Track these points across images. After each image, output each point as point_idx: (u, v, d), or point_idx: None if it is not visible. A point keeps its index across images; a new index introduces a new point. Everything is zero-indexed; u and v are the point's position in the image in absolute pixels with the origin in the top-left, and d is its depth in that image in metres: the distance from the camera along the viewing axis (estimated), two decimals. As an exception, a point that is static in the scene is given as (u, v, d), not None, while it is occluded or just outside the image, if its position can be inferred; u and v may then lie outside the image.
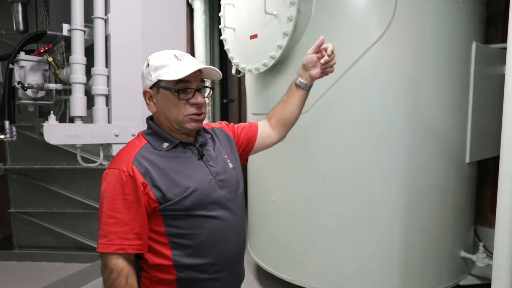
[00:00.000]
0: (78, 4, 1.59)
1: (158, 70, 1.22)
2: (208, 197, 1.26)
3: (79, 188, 3.84)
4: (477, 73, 2.46)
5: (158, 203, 1.19)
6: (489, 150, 2.70)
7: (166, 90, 1.22)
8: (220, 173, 1.33)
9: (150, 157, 1.22)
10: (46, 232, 3.95)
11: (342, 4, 2.30)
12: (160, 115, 1.27)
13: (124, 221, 1.16)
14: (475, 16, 2.47)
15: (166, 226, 1.22)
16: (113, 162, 1.23)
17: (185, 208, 1.22)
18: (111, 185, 1.18)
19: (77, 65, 1.60)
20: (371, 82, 2.29)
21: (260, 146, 1.58)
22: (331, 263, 2.46)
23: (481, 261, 2.59)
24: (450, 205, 2.51)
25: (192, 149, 1.32)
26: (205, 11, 3.99)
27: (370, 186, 2.35)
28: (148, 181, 1.18)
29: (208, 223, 1.26)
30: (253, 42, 2.57)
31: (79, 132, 1.58)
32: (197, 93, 1.25)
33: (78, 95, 1.62)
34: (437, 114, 2.35)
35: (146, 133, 1.31)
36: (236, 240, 1.35)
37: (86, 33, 1.65)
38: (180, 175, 1.23)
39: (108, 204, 1.17)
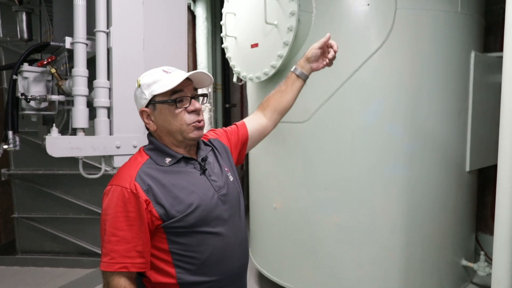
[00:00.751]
0: (80, 18, 1.62)
1: (150, 86, 1.22)
2: (211, 213, 1.25)
3: (82, 193, 3.87)
4: (476, 81, 2.47)
5: (161, 221, 1.18)
6: (489, 158, 2.70)
7: (162, 104, 1.23)
8: (223, 187, 1.32)
9: (153, 173, 1.21)
10: (49, 237, 3.98)
11: (342, 14, 2.32)
12: (161, 131, 1.27)
13: (126, 239, 1.15)
14: (474, 26, 2.48)
15: (169, 243, 1.21)
16: (115, 179, 1.22)
17: (189, 225, 1.20)
18: (113, 203, 1.16)
19: (79, 77, 1.63)
20: (370, 91, 2.30)
21: (257, 139, 1.61)
22: (332, 271, 2.47)
23: (482, 270, 2.59)
24: (451, 213, 2.51)
25: (194, 163, 1.31)
26: (207, 18, 4.02)
27: (371, 195, 2.36)
28: (151, 198, 1.17)
29: (212, 240, 1.25)
30: (254, 51, 2.59)
31: (81, 145, 1.60)
32: (193, 100, 1.26)
33: (80, 107, 1.64)
34: (437, 123, 2.36)
35: (148, 148, 1.30)
36: (240, 255, 1.34)
37: (88, 45, 1.67)
38: (183, 191, 1.22)
39: (111, 221, 1.16)
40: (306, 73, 1.56)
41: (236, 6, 2.73)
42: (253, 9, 2.55)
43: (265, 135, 1.64)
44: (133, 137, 1.74)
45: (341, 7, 2.32)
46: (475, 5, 2.49)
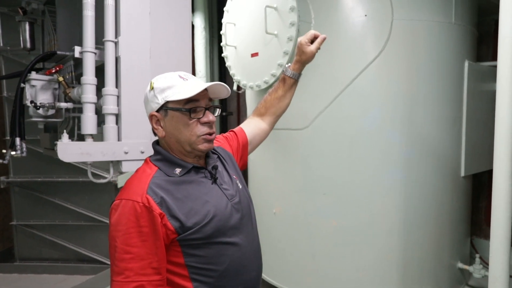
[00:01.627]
0: (89, 28, 1.67)
1: (164, 91, 1.17)
2: (227, 222, 1.21)
3: (81, 200, 3.89)
4: (470, 90, 2.55)
5: (176, 234, 1.12)
6: (483, 163, 2.77)
7: (175, 111, 1.17)
8: (235, 196, 1.29)
9: (164, 185, 1.15)
10: (48, 244, 3.99)
11: (340, 25, 2.39)
12: (170, 139, 1.22)
13: (140, 256, 1.08)
14: (467, 36, 2.57)
15: (185, 256, 1.15)
16: (125, 192, 1.15)
17: (205, 236, 1.16)
18: (125, 218, 1.10)
19: (88, 85, 1.67)
20: (368, 99, 2.37)
21: (257, 143, 1.62)
22: (331, 275, 2.51)
23: (477, 272, 2.65)
24: (447, 217, 2.57)
25: (205, 172, 1.26)
26: (205, 28, 4.09)
27: (369, 199, 2.41)
28: (165, 211, 1.11)
29: (229, 250, 1.21)
30: (254, 60, 2.65)
31: (91, 150, 1.64)
32: (207, 111, 1.21)
33: (89, 114, 1.68)
34: (433, 130, 2.43)
35: (156, 159, 1.24)
36: (256, 264, 1.31)
37: (96, 54, 1.72)
38: (197, 202, 1.17)
39: (122, 238, 1.09)
40: (299, 73, 1.61)
41: (236, 17, 2.79)
42: (253, 19, 2.61)
43: (264, 138, 1.65)
44: (141, 143, 1.79)
45: (339, 18, 2.39)
46: (468, 16, 2.58)
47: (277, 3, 2.40)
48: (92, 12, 1.65)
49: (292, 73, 1.60)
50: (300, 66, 1.60)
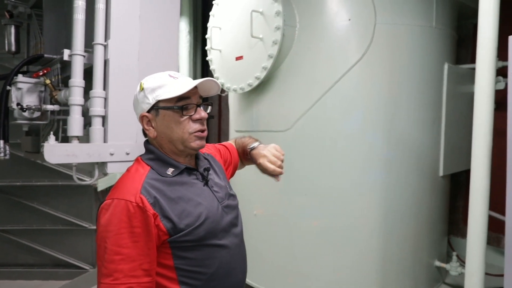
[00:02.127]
0: (80, 32, 1.67)
1: (155, 91, 1.17)
2: (218, 224, 1.21)
3: (60, 204, 3.82)
4: (449, 92, 2.64)
5: (168, 235, 1.11)
6: (461, 163, 2.87)
7: (166, 110, 1.17)
8: (224, 198, 1.29)
9: (157, 185, 1.14)
10: (24, 249, 3.89)
11: (324, 28, 2.45)
12: (162, 138, 1.21)
13: (131, 257, 1.06)
14: (446, 39, 2.67)
15: (174, 259, 1.14)
16: (116, 192, 1.13)
17: (197, 238, 1.15)
18: (116, 218, 1.07)
19: (76, 88, 1.67)
20: (351, 102, 2.42)
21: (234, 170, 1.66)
22: (312, 275, 2.54)
23: (454, 270, 2.74)
24: (425, 217, 2.65)
25: (197, 174, 1.26)
26: (190, 32, 4.11)
27: (350, 201, 2.46)
28: (158, 211, 1.10)
29: (219, 253, 1.20)
30: (239, 63, 2.68)
31: (77, 152, 1.63)
32: (199, 108, 1.21)
33: (76, 116, 1.68)
34: (413, 132, 2.50)
35: (148, 158, 1.23)
36: (242, 267, 1.32)
37: (85, 57, 1.72)
38: (190, 203, 1.17)
39: (113, 239, 1.06)
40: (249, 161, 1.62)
41: (222, 21, 2.82)
42: (238, 23, 2.65)
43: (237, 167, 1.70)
44: (126, 144, 1.79)
45: (323, 22, 2.44)
46: (448, 20, 2.67)
47: (263, 8, 2.44)
48: (82, 16, 1.66)
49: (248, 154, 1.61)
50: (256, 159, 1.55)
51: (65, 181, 3.75)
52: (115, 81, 1.73)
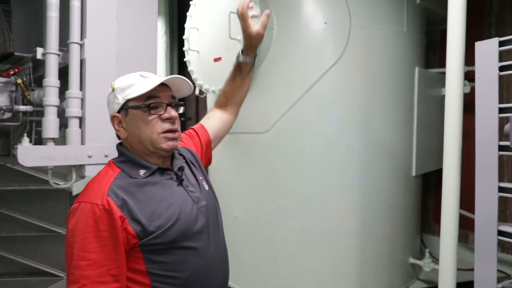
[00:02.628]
0: (53, 29, 1.62)
1: (124, 91, 1.15)
2: (192, 226, 1.17)
3: (32, 210, 3.67)
4: (420, 95, 2.73)
5: (138, 238, 1.07)
6: (431, 163, 2.97)
7: (135, 110, 1.15)
8: (201, 198, 1.25)
9: (127, 187, 1.11)
10: (-7, 259, 3.72)
11: (301, 31, 2.48)
12: (132, 139, 1.18)
13: (99, 262, 1.02)
14: (417, 44, 2.76)
15: (146, 263, 1.10)
16: (84, 195, 1.10)
17: (169, 240, 1.11)
18: (82, 222, 1.03)
19: (51, 88, 1.62)
20: (328, 103, 2.47)
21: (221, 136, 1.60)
22: (292, 276, 2.56)
23: (427, 266, 2.82)
24: (400, 216, 2.71)
25: (171, 174, 1.23)
26: (166, 32, 4.07)
27: (329, 202, 2.49)
28: (126, 214, 1.06)
29: (193, 256, 1.16)
30: (217, 64, 2.68)
31: (53, 154, 1.59)
32: (169, 108, 1.18)
33: (51, 117, 1.63)
34: (388, 133, 2.57)
35: (119, 160, 1.20)
36: (222, 270, 1.28)
37: (60, 56, 1.68)
38: (161, 204, 1.13)
39: (79, 244, 1.02)
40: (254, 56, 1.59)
41: (199, 22, 2.81)
42: (216, 24, 2.64)
43: (229, 129, 1.64)
44: (105, 146, 1.76)
45: (300, 25, 2.48)
46: (418, 26, 2.76)
47: (240, 10, 2.45)
48: (56, 13, 1.62)
49: (246, 58, 1.57)
50: (251, 51, 1.56)
51: (38, 185, 3.62)
52: (93, 81, 1.69)
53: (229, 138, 2.82)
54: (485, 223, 1.33)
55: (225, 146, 2.89)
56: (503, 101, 1.30)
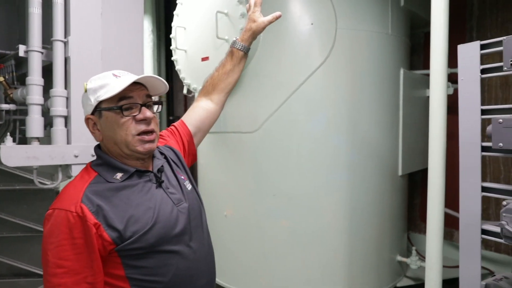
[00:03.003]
0: (36, 26, 1.59)
1: (97, 92, 1.11)
2: (172, 229, 1.14)
3: (18, 210, 3.60)
4: (405, 96, 2.76)
5: (114, 245, 1.05)
6: (417, 163, 3.02)
7: (108, 111, 1.11)
8: (182, 200, 1.22)
9: (102, 192, 1.08)
10: (-21, 261, 3.64)
11: (288, 32, 2.49)
12: (108, 142, 1.15)
13: (74, 270, 1.01)
14: (401, 46, 2.79)
15: (125, 268, 1.08)
16: (58, 201, 1.07)
17: (147, 245, 1.08)
18: (57, 229, 1.02)
19: (34, 86, 1.59)
20: (315, 104, 2.48)
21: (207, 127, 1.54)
22: (282, 274, 2.57)
23: (414, 264, 2.86)
24: (387, 214, 2.75)
25: (150, 175, 1.19)
26: (153, 31, 4.04)
27: (317, 200, 2.51)
28: (101, 220, 1.03)
29: (174, 259, 1.14)
30: (205, 64, 2.67)
31: (38, 154, 1.56)
32: (144, 108, 1.14)
33: (35, 116, 1.60)
34: (374, 133, 2.59)
35: (96, 163, 1.17)
36: (206, 270, 1.26)
37: (43, 54, 1.65)
38: (139, 209, 1.10)
39: (54, 251, 1.01)
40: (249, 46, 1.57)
41: (187, 21, 2.80)
42: (203, 24, 2.63)
43: (215, 119, 1.58)
44: (92, 146, 1.71)
45: (287, 25, 2.48)
46: (402, 28, 2.80)
47: (227, 9, 2.45)
48: (38, 10, 1.59)
49: (241, 45, 1.55)
50: (249, 37, 1.55)
51: (24, 185, 3.55)
52: (78, 79, 1.67)
53: (217, 137, 2.84)
54: (469, 222, 1.36)
55: (213, 145, 2.89)
56: (484, 103, 1.33)
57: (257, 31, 1.55)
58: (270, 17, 1.56)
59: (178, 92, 5.00)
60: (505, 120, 1.14)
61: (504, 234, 1.17)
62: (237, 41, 1.55)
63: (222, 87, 1.55)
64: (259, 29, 1.55)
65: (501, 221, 1.17)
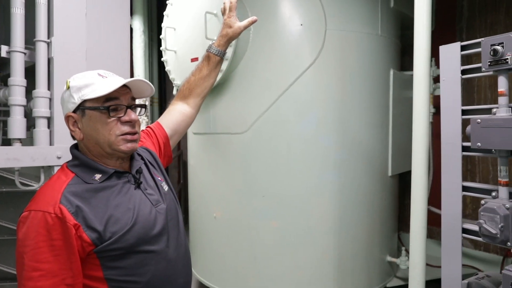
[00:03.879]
0: (18, 26, 1.58)
1: (81, 90, 1.10)
2: (151, 230, 1.15)
3: (4, 213, 3.57)
4: (395, 96, 2.77)
5: (94, 245, 1.04)
6: (407, 164, 3.00)
7: (93, 111, 1.11)
8: (160, 201, 1.23)
9: (81, 193, 1.07)
10: (-37, 266, 3.60)
11: (277, 32, 2.49)
12: (89, 141, 1.14)
13: (52, 272, 0.99)
14: (391, 47, 2.80)
15: (104, 269, 1.07)
16: (35, 203, 1.06)
17: (127, 245, 1.09)
18: (33, 231, 1.00)
19: (16, 87, 1.58)
20: (305, 104, 2.48)
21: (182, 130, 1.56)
22: (272, 275, 2.57)
23: (403, 264, 2.87)
24: (377, 215, 2.75)
25: (128, 176, 1.19)
26: (144, 31, 4.02)
27: (306, 201, 2.51)
28: (81, 221, 1.03)
29: (153, 259, 1.14)
30: (194, 64, 2.64)
31: (19, 155, 1.55)
32: (129, 110, 1.15)
33: (17, 117, 1.59)
34: (364, 134, 2.59)
35: (73, 164, 1.16)
36: (183, 270, 1.27)
37: (26, 55, 1.64)
38: (118, 209, 1.10)
39: (30, 254, 0.99)
40: (225, 50, 1.60)
41: (176, 21, 2.79)
42: (193, 24, 2.63)
43: (190, 123, 1.60)
44: (75, 147, 1.72)
45: (276, 26, 2.49)
46: (392, 29, 2.81)
47: (217, 10, 2.44)
48: (21, 10, 1.58)
49: (217, 50, 1.58)
50: (225, 42, 1.59)
51: (10, 187, 3.52)
52: (61, 80, 1.66)
53: (207, 138, 2.83)
54: (450, 221, 1.36)
55: (203, 146, 2.89)
56: (474, 104, 1.34)
57: (234, 36, 1.58)
58: (246, 22, 1.58)
59: (171, 94, 4.99)
60: (483, 120, 1.14)
61: (483, 233, 1.17)
62: (213, 46, 1.58)
63: (198, 92, 1.58)
64: (235, 34, 1.58)
65: (479, 220, 1.18)
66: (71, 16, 1.69)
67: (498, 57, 1.18)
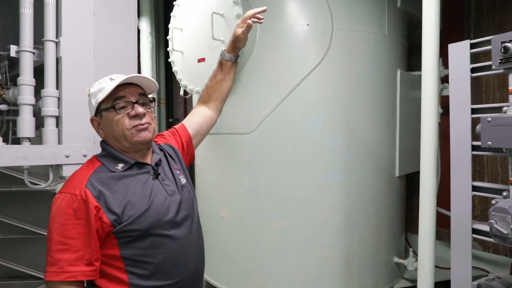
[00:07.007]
0: (27, 26, 1.60)
1: (96, 95, 1.26)
2: (164, 216, 1.27)
3: (14, 212, 3.61)
4: (402, 97, 2.75)
5: (112, 227, 1.18)
6: (415, 164, 2.99)
7: (106, 111, 1.26)
8: (176, 191, 1.35)
9: (104, 179, 1.22)
10: (-24, 263, 3.64)
11: (284, 33, 2.49)
12: (109, 138, 1.31)
13: (75, 247, 1.14)
14: (399, 47, 2.78)
15: (121, 249, 1.21)
16: (65, 186, 1.21)
17: (141, 228, 1.21)
18: (62, 210, 1.15)
19: (25, 86, 1.60)
20: (311, 104, 2.47)
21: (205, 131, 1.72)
22: (277, 275, 2.56)
23: (411, 265, 2.84)
24: (384, 216, 2.73)
25: (148, 168, 1.33)
26: (151, 32, 4.04)
27: (313, 201, 2.50)
28: (102, 204, 1.17)
29: (165, 243, 1.26)
30: (201, 65, 2.67)
31: (28, 154, 1.56)
32: (136, 105, 1.27)
33: (26, 116, 1.61)
34: (371, 134, 2.58)
35: (101, 155, 1.32)
36: (194, 257, 1.36)
37: (35, 54, 1.65)
38: (135, 196, 1.23)
39: (59, 230, 1.14)
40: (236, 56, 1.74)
41: (183, 22, 2.80)
42: (199, 25, 2.64)
43: (212, 124, 1.77)
44: (83, 146, 1.74)
45: (283, 26, 2.48)
46: (399, 29, 2.79)
47: (223, 10, 2.45)
48: (30, 10, 1.59)
49: (229, 56, 1.73)
50: (234, 50, 1.72)
51: (20, 187, 3.56)
52: (69, 80, 1.68)
53: (213, 138, 2.83)
54: (460, 221, 1.35)
55: (209, 146, 2.89)
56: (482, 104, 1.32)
57: (239, 44, 1.71)
58: (244, 28, 1.68)
59: (178, 95, 5.00)
60: (493, 119, 1.13)
61: (493, 233, 1.16)
62: (225, 52, 1.73)
63: (217, 96, 1.74)
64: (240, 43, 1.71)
65: (490, 220, 1.16)
66: (79, 16, 1.70)
67: (508, 55, 1.16)
